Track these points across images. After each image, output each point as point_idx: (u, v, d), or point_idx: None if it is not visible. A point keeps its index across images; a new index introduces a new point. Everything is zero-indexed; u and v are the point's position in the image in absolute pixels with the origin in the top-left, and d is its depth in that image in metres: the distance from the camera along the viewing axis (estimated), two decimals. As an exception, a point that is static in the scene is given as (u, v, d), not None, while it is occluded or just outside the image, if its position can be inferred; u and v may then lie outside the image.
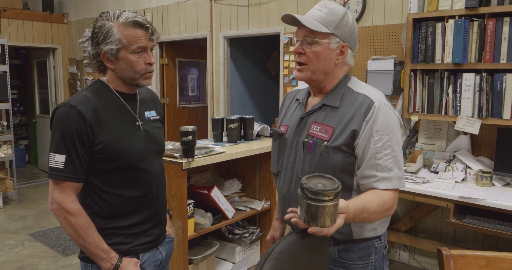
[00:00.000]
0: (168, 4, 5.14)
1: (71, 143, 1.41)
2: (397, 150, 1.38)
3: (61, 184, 1.43)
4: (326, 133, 1.41)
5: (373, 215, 1.27)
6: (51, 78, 6.79)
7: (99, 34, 1.45)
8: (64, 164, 1.41)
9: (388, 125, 1.37)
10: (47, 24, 6.46)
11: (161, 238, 1.66)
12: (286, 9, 4.08)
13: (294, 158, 1.49)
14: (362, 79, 3.55)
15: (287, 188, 1.51)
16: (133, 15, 1.46)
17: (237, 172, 3.35)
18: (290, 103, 1.63)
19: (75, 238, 1.45)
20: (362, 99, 1.40)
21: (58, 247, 3.91)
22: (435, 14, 2.91)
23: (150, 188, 1.57)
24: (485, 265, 1.40)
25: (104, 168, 1.47)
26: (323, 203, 1.08)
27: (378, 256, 1.51)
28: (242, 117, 3.18)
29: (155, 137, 1.61)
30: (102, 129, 1.45)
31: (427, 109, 3.02)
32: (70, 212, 1.43)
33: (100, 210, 1.50)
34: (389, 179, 1.35)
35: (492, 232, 2.47)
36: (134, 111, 1.56)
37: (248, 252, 3.10)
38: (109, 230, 1.51)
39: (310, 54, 1.41)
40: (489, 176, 2.76)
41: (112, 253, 1.48)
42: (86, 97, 1.46)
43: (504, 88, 2.71)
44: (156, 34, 1.51)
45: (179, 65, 5.62)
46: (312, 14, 1.41)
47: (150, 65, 1.50)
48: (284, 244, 1.10)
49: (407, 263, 3.54)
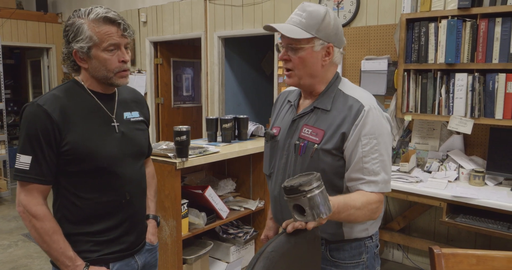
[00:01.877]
0: (163, 4, 5.13)
1: (37, 143, 1.34)
2: (385, 154, 1.38)
3: (27, 186, 1.37)
4: (317, 136, 1.41)
5: (358, 211, 1.27)
6: (45, 78, 6.76)
7: (70, 32, 1.39)
8: (30, 165, 1.35)
9: (377, 129, 1.37)
10: (41, 24, 6.43)
11: (138, 246, 1.57)
12: (281, 9, 4.08)
13: (286, 160, 1.50)
14: (356, 79, 3.57)
15: (279, 190, 1.51)
16: (104, 11, 1.38)
17: (231, 172, 3.35)
18: (282, 104, 1.63)
19: (40, 243, 1.38)
20: (352, 102, 1.40)
21: (52, 247, 3.89)
22: (428, 15, 2.92)
23: (122, 193, 1.48)
24: (476, 263, 1.41)
25: (73, 170, 1.40)
26: (307, 195, 1.09)
27: (369, 255, 1.52)
28: (236, 117, 3.18)
29: (134, 139, 1.53)
30: (70, 129, 1.37)
31: (420, 109, 3.04)
32: (35, 216, 1.36)
33: (69, 214, 1.44)
34: (376, 183, 1.36)
35: (484, 231, 2.49)
36: (110, 111, 1.48)
37: (242, 251, 3.10)
38: (78, 236, 1.44)
39: (296, 60, 1.41)
40: (482, 176, 2.78)
41: (78, 261, 1.40)
42: (54, 96, 1.40)
43: (496, 88, 2.73)
44: (130, 30, 1.42)
45: (173, 65, 5.62)
46: (292, 20, 1.41)
47: (124, 63, 1.42)
48: (276, 243, 1.10)
49: (401, 262, 3.56)
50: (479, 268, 1.40)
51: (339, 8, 3.65)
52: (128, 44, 1.44)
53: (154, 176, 1.78)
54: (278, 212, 1.58)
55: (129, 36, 1.42)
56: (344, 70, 3.66)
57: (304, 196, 1.08)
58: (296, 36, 1.37)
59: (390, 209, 3.55)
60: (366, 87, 3.47)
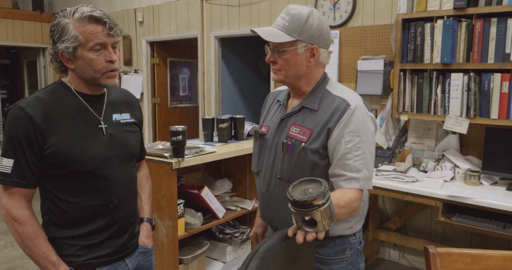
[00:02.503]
0: (159, 4, 5.12)
1: (19, 146, 1.32)
2: (367, 152, 1.42)
3: (9, 190, 1.35)
4: (304, 134, 1.46)
5: (342, 210, 1.29)
6: (41, 78, 6.74)
7: (55, 32, 1.36)
8: (12, 168, 1.32)
9: (361, 127, 1.41)
10: (37, 24, 6.41)
11: (128, 249, 1.54)
12: (277, 9, 4.08)
13: (273, 158, 1.53)
14: (352, 79, 3.58)
15: (266, 187, 1.55)
16: (89, 10, 1.34)
17: (227, 172, 3.35)
18: (272, 104, 1.67)
19: (22, 247, 1.37)
20: (339, 102, 1.44)
21: (48, 248, 3.88)
22: (424, 15, 2.93)
23: (110, 197, 1.45)
24: (471, 263, 1.42)
25: (57, 174, 1.37)
26: (320, 209, 1.06)
27: (353, 251, 1.57)
28: (233, 117, 3.18)
29: (123, 141, 1.49)
30: (53, 132, 1.34)
31: (416, 109, 3.05)
32: (17, 220, 1.34)
33: (55, 218, 1.41)
34: (357, 180, 1.39)
35: (480, 230, 2.50)
36: (98, 113, 1.45)
37: (238, 251, 3.10)
38: (63, 240, 1.42)
39: (281, 61, 1.46)
40: (477, 175, 2.79)
41: (61, 266, 1.37)
42: (37, 98, 1.37)
43: (492, 88, 2.74)
44: (117, 29, 1.38)
45: (170, 65, 5.61)
46: (277, 24, 1.45)
47: (111, 62, 1.38)
48: (270, 243, 1.10)
49: (397, 261, 3.57)
50: (474, 267, 1.41)
51: (335, 8, 3.65)
52: (116, 43, 1.40)
53: (148, 179, 1.76)
54: (265, 209, 1.61)
55: (116, 35, 1.38)
56: (340, 70, 3.66)
57: (317, 210, 1.06)
58: (277, 40, 1.42)
59: (386, 209, 3.56)
60: (362, 87, 3.48)
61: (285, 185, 1.47)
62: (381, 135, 3.37)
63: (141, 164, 1.75)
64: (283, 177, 1.50)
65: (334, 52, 3.66)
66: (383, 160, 3.30)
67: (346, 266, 1.55)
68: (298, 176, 1.44)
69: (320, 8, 3.74)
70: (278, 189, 1.51)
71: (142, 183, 1.71)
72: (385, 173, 2.96)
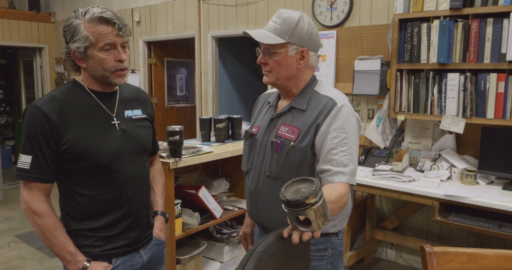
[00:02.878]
0: (156, 4, 5.12)
1: (37, 143, 1.39)
2: (353, 148, 1.47)
3: (28, 185, 1.42)
4: (293, 134, 1.51)
5: (334, 206, 1.30)
6: (37, 78, 6.72)
7: (67, 33, 1.42)
8: (30, 164, 1.40)
9: (347, 124, 1.47)
10: (34, 23, 6.40)
11: (143, 241, 1.60)
12: (274, 9, 4.09)
13: (263, 157, 1.58)
14: (349, 79, 3.59)
15: (255, 185, 1.60)
16: (99, 11, 1.40)
17: (225, 172, 3.35)
18: (262, 105, 1.73)
19: (42, 239, 1.44)
20: (326, 100, 1.50)
21: (45, 248, 3.88)
22: (421, 15, 2.94)
23: (123, 189, 1.51)
24: (467, 261, 1.42)
25: (74, 169, 1.44)
26: (313, 207, 1.06)
27: (334, 251, 1.60)
28: (230, 117, 3.19)
29: (135, 136, 1.56)
30: (68, 129, 1.41)
31: (413, 109, 3.06)
32: (36, 213, 1.41)
33: (72, 212, 1.48)
34: (344, 174, 1.42)
35: (476, 229, 2.51)
36: (110, 110, 1.52)
37: (236, 251, 3.10)
38: (81, 232, 1.48)
39: (272, 63, 1.51)
40: (474, 175, 2.80)
41: (79, 256, 1.45)
42: (53, 97, 1.44)
43: (488, 87, 2.75)
44: (126, 30, 1.44)
45: (167, 65, 5.61)
46: (268, 27, 1.51)
47: (121, 62, 1.44)
48: (266, 243, 1.10)
49: (394, 261, 3.58)
50: (470, 266, 1.42)
51: (332, 8, 3.66)
52: (125, 43, 1.46)
53: (161, 173, 1.82)
54: (253, 207, 1.65)
55: (125, 35, 1.44)
56: (337, 70, 3.67)
57: (311, 209, 1.06)
58: (269, 42, 1.48)
59: (383, 208, 3.57)
60: (359, 87, 3.49)
61: (273, 183, 1.53)
62: (378, 135, 3.38)
63: (154, 158, 1.81)
64: (271, 175, 1.54)
65: (331, 52, 3.67)
66: (380, 159, 3.31)
67: (325, 265, 1.58)
68: (286, 174, 1.50)
69: (317, 8, 3.75)
70: (266, 187, 1.56)
71: (156, 177, 1.77)
72: (382, 172, 2.97)
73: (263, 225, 1.65)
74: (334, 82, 3.68)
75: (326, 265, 1.58)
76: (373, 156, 3.37)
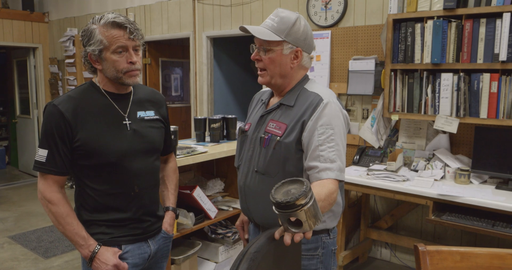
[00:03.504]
0: (151, 4, 5.11)
1: (52, 139, 1.51)
2: (340, 144, 1.48)
3: (44, 176, 1.54)
4: (280, 129, 1.54)
5: (324, 203, 1.30)
6: (31, 78, 6.68)
7: (84, 37, 1.54)
8: (46, 158, 1.51)
9: (334, 121, 1.48)
10: (27, 23, 6.36)
11: (152, 232, 1.69)
12: (269, 9, 4.09)
13: (252, 152, 1.62)
14: (344, 79, 3.60)
15: (244, 180, 1.64)
16: (113, 16, 1.51)
17: (220, 172, 3.35)
18: (257, 103, 1.76)
19: (56, 225, 1.55)
20: (313, 96, 1.53)
21: (39, 249, 3.86)
22: (414, 15, 2.96)
23: (131, 186, 1.60)
24: (460, 260, 1.43)
25: (85, 164, 1.55)
26: (303, 208, 1.06)
27: (325, 251, 1.60)
28: (225, 117, 3.18)
29: (145, 136, 1.64)
30: (82, 127, 1.52)
31: (407, 109, 3.07)
32: (50, 201, 1.53)
33: (85, 203, 1.60)
34: (331, 170, 1.43)
35: (470, 228, 2.53)
36: (123, 110, 1.61)
37: (231, 251, 3.10)
38: (93, 222, 1.59)
39: (266, 60, 1.54)
40: (467, 174, 2.82)
41: (90, 240, 1.56)
42: (69, 97, 1.55)
43: (481, 87, 2.77)
44: (137, 34, 1.54)
45: (162, 65, 5.59)
46: (265, 24, 1.54)
47: (132, 63, 1.54)
48: (258, 244, 1.10)
49: (389, 260, 3.59)
50: (463, 264, 1.43)
51: (327, 8, 3.67)
52: (138, 47, 1.56)
53: (175, 171, 1.91)
54: (243, 202, 1.68)
55: (137, 39, 1.54)
56: (332, 70, 3.68)
57: (301, 210, 1.05)
58: (265, 38, 1.51)
59: (377, 208, 3.58)
60: (354, 86, 3.50)
61: (261, 178, 1.56)
62: (372, 134, 3.40)
63: (169, 156, 1.91)
64: (259, 170, 1.57)
65: (325, 52, 3.68)
66: (374, 159, 3.33)
67: (316, 264, 1.58)
68: (273, 169, 1.52)
69: (312, 8, 3.76)
70: (254, 181, 1.59)
71: (170, 174, 1.87)
72: (376, 172, 2.98)
73: (254, 220, 1.68)
74: (329, 82, 3.69)
75: (316, 264, 1.59)
76: (368, 156, 3.38)
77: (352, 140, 3.58)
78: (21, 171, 7.01)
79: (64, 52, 6.15)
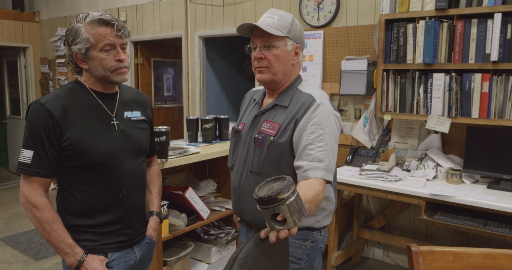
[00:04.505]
0: (143, 3, 5.08)
1: (39, 139, 1.44)
2: (330, 144, 1.48)
3: (28, 179, 1.47)
4: (273, 129, 1.55)
5: (311, 205, 1.30)
6: (22, 78, 6.61)
7: (69, 36, 1.49)
8: (32, 159, 1.45)
9: (325, 121, 1.48)
10: (18, 23, 6.30)
11: (137, 238, 1.65)
12: (261, 9, 4.08)
13: (246, 152, 1.62)
14: (336, 79, 3.60)
15: (238, 181, 1.64)
16: (99, 14, 1.48)
17: (212, 173, 3.33)
18: (249, 103, 1.77)
19: (40, 231, 1.48)
20: (306, 97, 1.54)
21: (29, 251, 3.82)
22: (406, 15, 2.96)
23: (119, 187, 1.57)
24: (453, 260, 1.43)
25: (73, 165, 1.49)
26: (285, 203, 1.05)
27: (314, 245, 1.62)
28: (217, 117, 3.17)
29: (133, 137, 1.61)
30: (70, 127, 1.47)
31: (399, 109, 3.08)
32: (36, 206, 1.46)
33: (70, 207, 1.53)
34: (319, 169, 1.43)
35: (461, 228, 2.53)
36: (110, 110, 1.57)
37: (224, 252, 3.09)
38: (78, 227, 1.53)
39: (271, 57, 1.54)
40: (459, 174, 2.83)
41: (77, 248, 1.50)
42: (56, 95, 1.50)
43: (473, 87, 2.78)
44: (124, 31, 1.51)
45: (154, 65, 5.57)
46: (266, 22, 1.54)
47: (120, 61, 1.51)
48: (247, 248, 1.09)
49: (381, 260, 3.60)
50: (456, 264, 1.43)
51: (319, 8, 3.67)
52: (125, 44, 1.53)
53: (159, 175, 1.87)
54: (236, 203, 1.68)
55: (124, 36, 1.50)
56: (324, 70, 3.68)
57: (283, 204, 1.05)
58: (273, 32, 1.51)
59: (370, 208, 3.59)
60: (346, 87, 3.50)
61: (255, 178, 1.56)
62: (365, 134, 3.40)
63: (152, 159, 1.86)
64: (253, 170, 1.57)
65: (318, 53, 3.67)
66: (367, 159, 3.33)
67: (301, 254, 1.60)
68: (267, 169, 1.53)
69: (304, 8, 3.75)
70: (249, 182, 1.59)
71: (153, 178, 1.82)
72: (368, 172, 2.98)
73: (247, 221, 1.69)
74: (321, 82, 3.68)
75: (302, 255, 1.60)
76: (360, 156, 3.38)
77: (345, 140, 3.58)
78: (12, 172, 6.94)
79: (55, 52, 6.10)
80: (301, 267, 1.61)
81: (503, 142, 2.75)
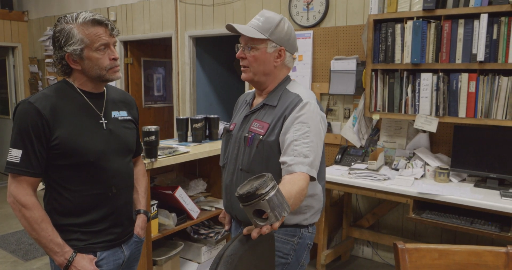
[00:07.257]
0: (132, 3, 5.06)
1: (28, 138, 1.44)
2: (315, 142, 1.50)
3: (17, 178, 1.47)
4: (262, 128, 1.59)
5: (295, 200, 1.31)
6: (10, 78, 6.55)
7: (61, 37, 1.48)
8: (20, 158, 1.45)
9: (311, 119, 1.52)
10: (6, 22, 6.23)
11: (125, 237, 1.67)
12: (251, 8, 4.09)
13: (237, 151, 1.66)
14: (325, 79, 3.62)
15: (230, 179, 1.67)
16: (90, 14, 1.49)
17: (202, 172, 3.33)
18: (241, 105, 1.81)
19: (29, 231, 1.47)
20: (294, 97, 1.58)
21: (18, 251, 3.79)
22: (395, 16, 2.99)
23: (109, 186, 1.58)
24: (438, 258, 1.45)
25: (62, 164, 1.50)
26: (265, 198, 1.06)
27: (302, 241, 1.65)
28: (207, 117, 3.17)
29: (121, 136, 1.62)
30: (59, 126, 1.47)
31: (388, 108, 3.10)
32: (24, 205, 1.46)
33: (58, 206, 1.53)
34: (303, 164, 1.45)
35: (449, 226, 2.57)
36: (99, 109, 1.58)
37: (213, 252, 3.10)
38: (67, 227, 1.53)
39: (250, 58, 1.59)
40: (447, 173, 2.86)
41: (66, 247, 1.50)
42: (45, 94, 1.50)
43: (460, 87, 2.81)
44: (116, 30, 1.54)
45: (144, 65, 5.54)
46: (251, 23, 1.59)
47: (115, 60, 1.54)
48: (234, 246, 1.10)
49: (371, 258, 3.62)
50: (441, 262, 1.45)
51: (309, 8, 3.68)
52: (115, 43, 1.57)
53: (145, 174, 1.89)
54: (227, 200, 1.72)
55: (115, 35, 1.54)
56: (314, 70, 3.69)
57: (263, 200, 1.06)
58: (250, 35, 1.55)
59: (359, 207, 3.61)
60: (335, 86, 3.52)
61: (246, 176, 1.58)
62: (354, 134, 3.42)
63: (137, 159, 1.88)
64: (244, 168, 1.61)
65: (307, 52, 3.69)
66: (356, 158, 3.35)
67: (289, 250, 1.63)
68: (256, 167, 1.56)
69: (294, 8, 3.77)
70: (239, 180, 1.62)
71: (139, 178, 1.83)
72: (358, 171, 3.00)
73: (237, 218, 1.71)
74: (311, 82, 3.70)
75: (289, 250, 1.63)
76: (349, 155, 3.41)
77: (334, 140, 3.60)
78: (0, 172, 6.86)
79: (44, 51, 6.05)
80: (288, 262, 1.64)
81: (489, 141, 2.79)
